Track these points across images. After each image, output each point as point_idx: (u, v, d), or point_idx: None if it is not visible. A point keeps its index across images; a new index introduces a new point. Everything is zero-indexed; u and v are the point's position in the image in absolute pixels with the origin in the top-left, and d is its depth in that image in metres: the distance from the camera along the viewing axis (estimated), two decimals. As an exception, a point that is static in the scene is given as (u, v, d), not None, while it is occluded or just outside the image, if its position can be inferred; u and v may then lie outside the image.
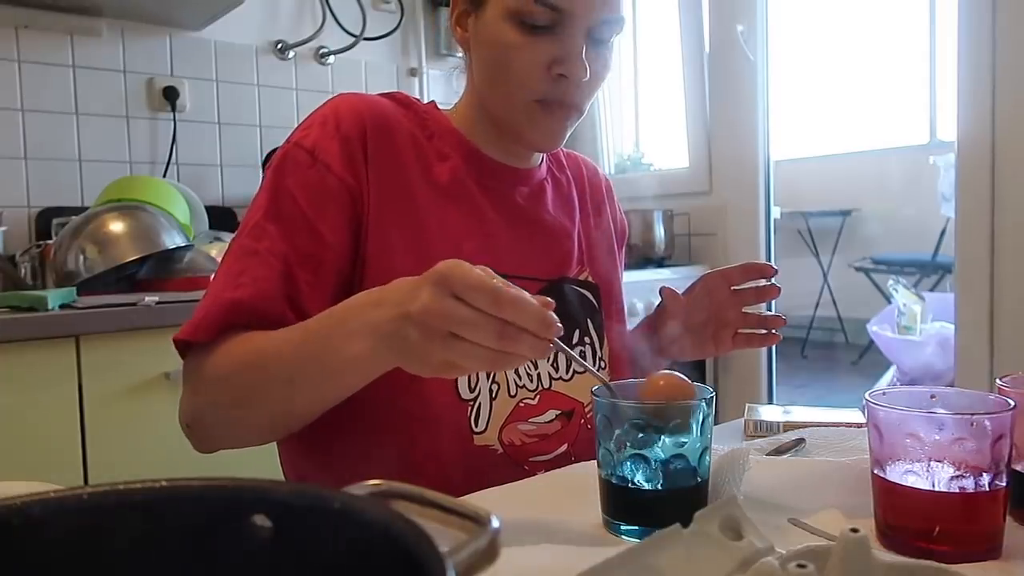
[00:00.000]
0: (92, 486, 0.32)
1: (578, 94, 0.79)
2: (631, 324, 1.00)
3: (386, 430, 0.77)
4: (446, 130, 0.85)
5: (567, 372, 0.85)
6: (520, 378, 0.82)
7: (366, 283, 0.75)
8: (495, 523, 0.30)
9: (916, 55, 4.46)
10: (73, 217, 1.68)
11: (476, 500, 0.52)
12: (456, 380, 0.78)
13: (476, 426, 0.79)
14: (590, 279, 0.92)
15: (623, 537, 0.58)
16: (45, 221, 1.86)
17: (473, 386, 0.79)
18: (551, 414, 0.84)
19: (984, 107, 1.78)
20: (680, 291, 0.90)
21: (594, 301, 0.91)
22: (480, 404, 0.79)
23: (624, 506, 0.59)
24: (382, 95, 0.84)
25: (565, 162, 0.98)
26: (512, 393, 0.81)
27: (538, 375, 0.83)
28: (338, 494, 0.32)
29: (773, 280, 0.88)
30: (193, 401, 0.73)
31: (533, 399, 0.83)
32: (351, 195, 0.76)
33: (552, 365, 0.85)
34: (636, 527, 0.58)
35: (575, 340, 0.87)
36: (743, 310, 0.89)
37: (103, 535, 0.32)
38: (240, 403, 0.70)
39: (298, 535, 0.32)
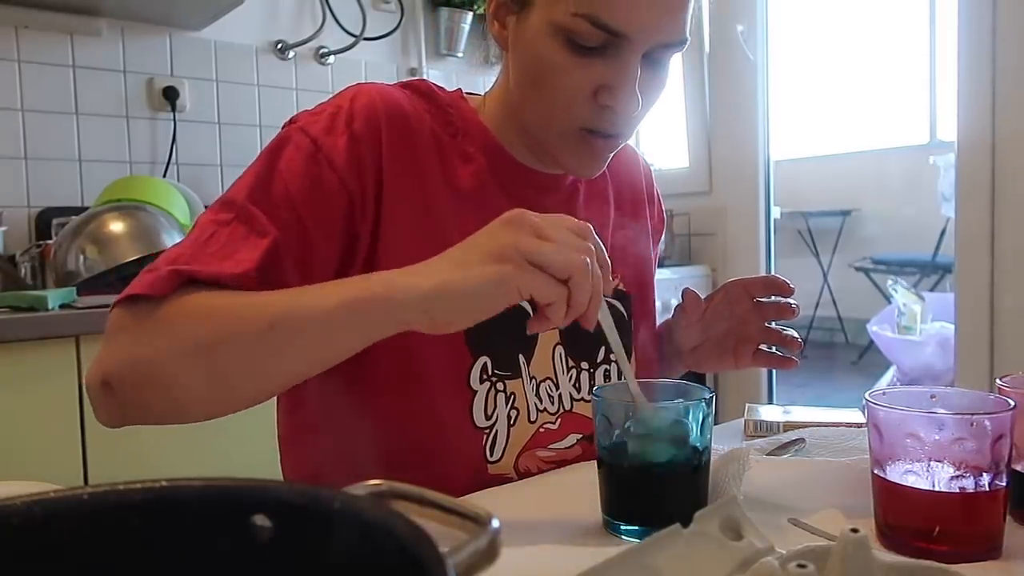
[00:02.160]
0: (92, 486, 0.32)
1: (625, 124, 0.72)
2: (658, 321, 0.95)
3: (394, 458, 0.73)
4: (472, 126, 0.78)
5: (589, 393, 0.81)
6: (541, 401, 0.78)
7: None
8: (495, 523, 0.30)
9: (916, 55, 4.46)
10: (73, 217, 1.67)
11: (476, 500, 0.52)
12: (471, 407, 0.73)
13: (491, 455, 0.75)
14: (621, 287, 0.87)
15: (623, 537, 0.58)
16: (45, 221, 1.85)
17: (490, 413, 0.74)
18: (572, 439, 0.80)
19: (984, 107, 1.78)
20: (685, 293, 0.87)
21: (624, 313, 0.86)
22: (496, 432, 0.75)
23: (624, 506, 0.59)
24: (402, 84, 0.78)
25: None
26: (532, 419, 0.77)
27: (559, 396, 0.79)
28: (338, 494, 0.32)
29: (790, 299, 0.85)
30: (127, 352, 0.62)
31: (554, 423, 0.79)
32: (349, 199, 0.69)
33: (574, 385, 0.81)
34: (636, 527, 0.58)
35: (600, 359, 0.83)
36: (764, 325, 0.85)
37: (103, 535, 0.32)
38: (200, 349, 0.59)
39: (298, 535, 0.32)
